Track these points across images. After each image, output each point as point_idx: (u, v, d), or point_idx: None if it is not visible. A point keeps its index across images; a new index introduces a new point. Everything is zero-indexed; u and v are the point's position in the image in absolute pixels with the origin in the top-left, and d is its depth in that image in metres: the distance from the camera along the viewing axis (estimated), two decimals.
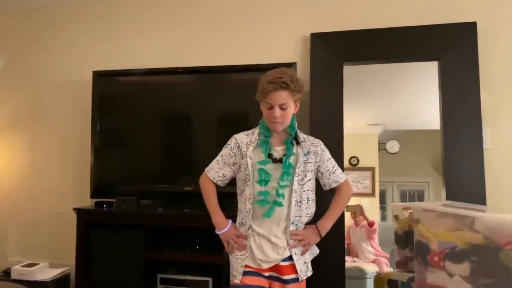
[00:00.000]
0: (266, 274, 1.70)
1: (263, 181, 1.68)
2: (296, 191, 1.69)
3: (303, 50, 2.55)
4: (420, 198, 3.44)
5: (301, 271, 1.70)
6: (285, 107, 1.65)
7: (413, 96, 2.94)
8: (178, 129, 2.59)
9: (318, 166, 1.78)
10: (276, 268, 1.70)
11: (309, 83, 2.43)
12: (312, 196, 1.77)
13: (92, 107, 2.68)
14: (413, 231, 2.06)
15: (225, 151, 1.79)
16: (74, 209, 2.47)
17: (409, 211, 2.46)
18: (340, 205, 1.82)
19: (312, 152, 1.75)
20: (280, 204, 1.67)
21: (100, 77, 2.69)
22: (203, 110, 2.55)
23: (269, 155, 1.70)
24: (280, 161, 1.69)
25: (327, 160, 1.80)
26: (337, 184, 1.81)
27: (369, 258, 2.96)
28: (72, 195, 2.82)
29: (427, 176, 3.38)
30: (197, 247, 2.37)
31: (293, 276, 1.69)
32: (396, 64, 2.48)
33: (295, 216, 1.70)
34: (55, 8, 3.02)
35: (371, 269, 2.86)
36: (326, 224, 1.78)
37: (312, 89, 2.42)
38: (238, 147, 1.75)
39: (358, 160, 3.17)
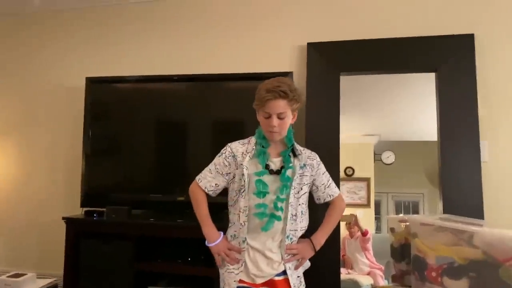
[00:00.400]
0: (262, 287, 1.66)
1: (261, 193, 1.63)
2: (292, 205, 1.66)
3: (299, 60, 2.54)
4: (415, 209, 3.42)
5: (294, 286, 1.67)
6: (283, 117, 1.61)
7: (409, 107, 2.93)
8: (172, 137, 2.55)
9: (314, 180, 1.75)
10: (269, 283, 1.65)
11: (305, 93, 2.40)
12: (306, 209, 1.74)
13: (85, 114, 2.64)
14: (409, 244, 2.02)
15: (218, 160, 1.73)
16: (64, 218, 2.41)
17: (405, 223, 2.43)
18: (334, 219, 1.80)
19: (309, 165, 1.72)
20: (279, 218, 1.64)
21: (93, 83, 2.65)
22: (198, 118, 2.52)
23: (266, 166, 1.66)
24: (277, 172, 1.65)
25: (323, 174, 1.78)
26: (331, 198, 1.79)
27: (364, 270, 2.92)
28: (62, 204, 2.77)
29: (422, 187, 3.36)
30: (189, 259, 2.32)
31: None
32: (392, 75, 2.47)
33: (290, 230, 1.67)
34: (48, 14, 2.99)
35: (366, 282, 2.82)
36: (321, 239, 1.76)
37: (308, 99, 2.40)
38: (233, 156, 1.70)
39: (353, 171, 3.14)
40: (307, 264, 1.79)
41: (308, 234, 1.77)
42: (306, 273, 1.92)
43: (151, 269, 2.31)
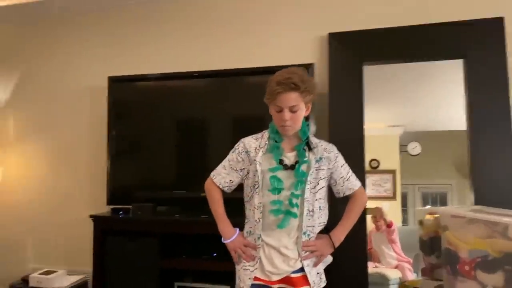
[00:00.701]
0: (275, 286, 1.62)
1: (276, 189, 1.58)
2: (308, 200, 1.60)
3: (320, 51, 2.49)
4: (443, 201, 3.33)
5: (314, 283, 1.61)
6: (296, 110, 1.54)
7: (434, 96, 2.85)
8: (194, 134, 2.55)
9: (331, 173, 1.68)
10: (286, 280, 1.61)
11: (327, 84, 2.36)
12: (325, 204, 1.68)
13: (108, 113, 2.67)
14: (439, 237, 1.97)
15: (232, 155, 1.70)
16: (91, 216, 2.45)
17: (434, 216, 2.36)
18: (354, 214, 1.72)
19: (325, 158, 1.65)
20: (295, 215, 1.59)
21: (115, 82, 2.67)
22: (219, 114, 2.51)
23: (280, 162, 1.61)
24: (291, 168, 1.60)
25: (341, 167, 1.70)
26: (352, 192, 1.72)
27: (391, 263, 2.86)
28: (89, 202, 2.81)
29: (450, 178, 3.28)
30: (214, 255, 2.32)
31: (306, 287, 1.60)
32: (417, 63, 2.39)
33: (307, 226, 1.61)
34: (69, 17, 3.02)
35: (394, 275, 2.76)
36: (340, 234, 1.69)
37: (331, 91, 2.35)
38: (246, 152, 1.65)
39: (378, 163, 3.09)
40: (328, 260, 1.74)
41: (330, 228, 1.72)
42: (333, 268, 1.88)
43: (176, 265, 2.32)
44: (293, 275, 1.60)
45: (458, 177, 3.28)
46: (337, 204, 1.79)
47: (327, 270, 1.74)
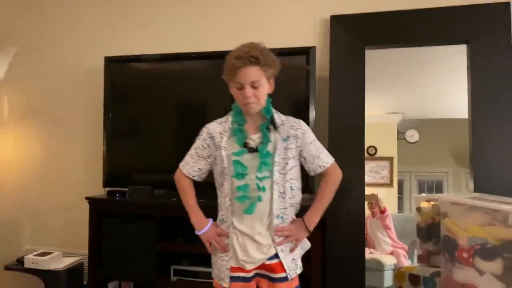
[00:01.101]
0: (251, 274, 1.56)
1: (240, 175, 1.51)
2: (278, 182, 1.52)
3: (322, 34, 2.44)
4: (439, 188, 3.34)
5: (290, 269, 1.54)
6: (257, 85, 1.46)
7: (435, 83, 2.82)
8: (193, 116, 2.51)
9: (301, 151, 1.58)
10: (262, 266, 1.55)
11: (328, 68, 2.32)
12: (297, 184, 1.59)
13: (104, 94, 2.61)
14: (436, 224, 1.97)
15: (197, 143, 1.63)
16: (87, 198, 2.43)
17: (432, 203, 2.36)
18: (327, 193, 1.61)
19: (292, 136, 1.55)
20: (260, 199, 1.51)
21: (111, 63, 2.61)
22: (218, 96, 2.45)
23: (245, 145, 1.53)
24: (257, 150, 1.52)
25: (310, 143, 1.59)
26: (323, 169, 1.61)
27: (386, 249, 2.87)
28: (85, 184, 2.79)
29: (447, 166, 3.28)
30: None
31: (282, 274, 1.54)
32: (417, 48, 2.35)
33: (280, 209, 1.54)
34: None
35: (389, 261, 2.77)
36: (313, 216, 1.59)
37: (332, 75, 2.31)
38: (211, 137, 1.58)
39: (376, 150, 3.07)
40: (306, 245, 1.66)
41: (305, 210, 1.65)
42: (331, 253, 1.88)
43: (174, 249, 2.31)
44: (268, 262, 1.54)
45: (455, 166, 3.28)
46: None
47: (305, 257, 1.69)
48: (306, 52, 2.28)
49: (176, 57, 2.55)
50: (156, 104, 2.56)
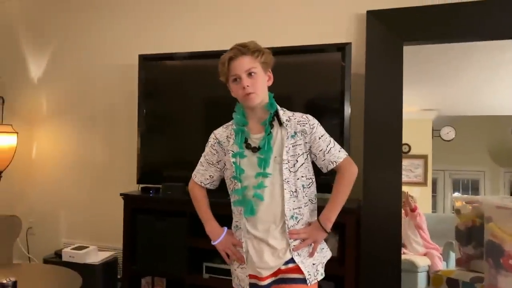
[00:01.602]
0: (266, 282, 1.47)
1: (237, 177, 1.47)
2: (288, 181, 1.44)
3: (358, 30, 2.37)
4: (475, 188, 3.23)
5: (309, 274, 1.45)
6: (253, 72, 1.44)
7: (473, 79, 2.71)
8: (224, 113, 2.49)
9: (310, 147, 1.50)
10: (279, 272, 1.47)
11: (364, 65, 2.25)
12: (308, 181, 1.51)
13: (139, 91, 2.64)
14: (477, 227, 1.89)
15: (206, 150, 1.60)
16: (121, 194, 2.46)
17: (473, 205, 2.27)
18: (341, 191, 1.50)
19: (300, 132, 1.48)
20: (260, 197, 1.44)
21: (146, 60, 2.64)
22: None
23: (247, 145, 1.48)
24: (257, 148, 1.46)
25: (319, 138, 1.50)
26: (335, 165, 1.50)
27: (418, 250, 2.79)
28: (120, 180, 2.83)
29: (484, 165, 3.17)
30: None
31: (300, 276, 1.45)
32: (457, 44, 2.25)
33: (293, 209, 1.46)
34: None
35: (423, 263, 2.69)
36: (329, 214, 1.49)
37: (368, 72, 2.24)
38: (219, 142, 1.55)
39: (409, 148, 2.99)
40: (328, 254, 1.56)
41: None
42: (366, 253, 1.82)
43: (206, 245, 2.30)
44: (283, 267, 1.46)
45: (492, 164, 3.16)
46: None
47: (339, 258, 1.60)
48: (342, 49, 2.23)
49: (208, 55, 2.53)
50: (188, 101, 2.56)
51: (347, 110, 2.22)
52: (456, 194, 3.27)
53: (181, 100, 2.58)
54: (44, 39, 3.14)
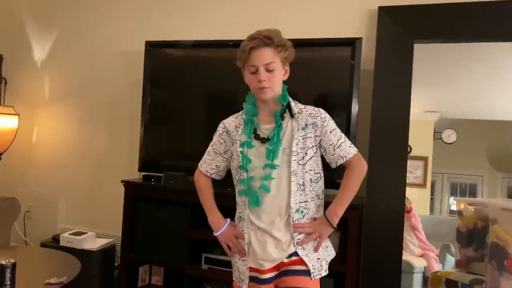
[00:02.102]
0: (268, 276, 1.46)
1: (244, 167, 1.45)
2: (296, 173, 1.42)
3: (369, 25, 2.35)
4: (472, 192, 3.24)
5: (314, 268, 1.43)
6: (272, 68, 1.40)
7: (479, 82, 2.70)
8: (228, 105, 2.48)
9: (320, 140, 1.48)
10: (281, 265, 1.46)
11: (373, 61, 2.24)
12: (316, 176, 1.48)
13: (144, 79, 2.61)
14: (479, 229, 1.88)
15: (214, 139, 1.59)
16: (122, 181, 2.44)
17: (474, 207, 2.27)
18: (350, 187, 1.48)
19: (311, 124, 1.46)
20: (267, 189, 1.42)
21: (152, 47, 2.60)
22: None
23: (256, 135, 1.46)
24: (266, 139, 1.45)
25: (330, 132, 1.48)
26: (345, 160, 1.48)
27: (414, 250, 2.79)
28: (120, 167, 2.81)
29: (482, 169, 3.17)
30: None
31: (303, 267, 1.43)
32: (463, 44, 2.24)
33: (299, 203, 1.44)
34: None
35: (419, 264, 2.69)
36: (336, 209, 1.47)
37: (377, 69, 2.23)
38: (227, 132, 1.54)
39: (410, 149, 2.97)
40: (332, 252, 1.55)
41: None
42: (367, 251, 1.82)
43: (206, 236, 2.29)
44: (286, 260, 1.44)
45: (491, 169, 3.16)
46: None
47: (340, 255, 1.61)
48: (352, 43, 2.21)
49: (215, 44, 2.51)
50: (192, 91, 2.54)
51: (355, 107, 2.21)
52: (453, 198, 3.27)
53: (185, 90, 2.55)
54: (50, 21, 3.11)
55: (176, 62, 2.60)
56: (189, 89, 2.55)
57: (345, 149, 1.48)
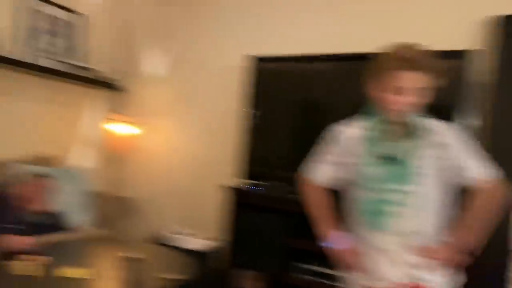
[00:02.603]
0: None
1: (373, 187, 1.35)
2: (419, 196, 1.33)
3: (479, 36, 2.20)
4: None
5: None
6: (421, 94, 1.28)
7: None
8: (331, 117, 2.47)
9: (449, 159, 1.35)
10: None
11: (492, 74, 2.08)
12: (446, 198, 1.37)
13: (250, 91, 2.72)
14: None
15: (327, 147, 1.49)
16: (227, 187, 2.55)
17: None
18: (480, 212, 1.31)
19: (440, 143, 1.33)
20: (397, 215, 1.33)
21: (257, 61, 2.70)
22: (358, 99, 2.39)
23: (383, 153, 1.36)
24: (395, 159, 1.34)
25: (461, 151, 1.34)
26: (473, 183, 1.32)
27: None
28: (224, 174, 2.88)
29: None
30: None
31: None
32: None
33: (426, 225, 1.34)
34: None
35: None
36: (466, 235, 1.31)
37: (500, 83, 2.06)
38: (345, 140, 1.45)
39: None
40: (460, 279, 1.41)
41: None
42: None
43: (305, 247, 2.31)
44: (411, 284, 1.34)
45: None
46: None
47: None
48: (463, 56, 2.09)
49: (317, 58, 2.53)
50: (295, 103, 2.59)
51: (471, 121, 2.07)
52: None
53: (290, 102, 2.61)
54: (170, 41, 3.31)
55: (282, 75, 2.67)
56: (290, 101, 2.61)
57: (473, 170, 1.35)
